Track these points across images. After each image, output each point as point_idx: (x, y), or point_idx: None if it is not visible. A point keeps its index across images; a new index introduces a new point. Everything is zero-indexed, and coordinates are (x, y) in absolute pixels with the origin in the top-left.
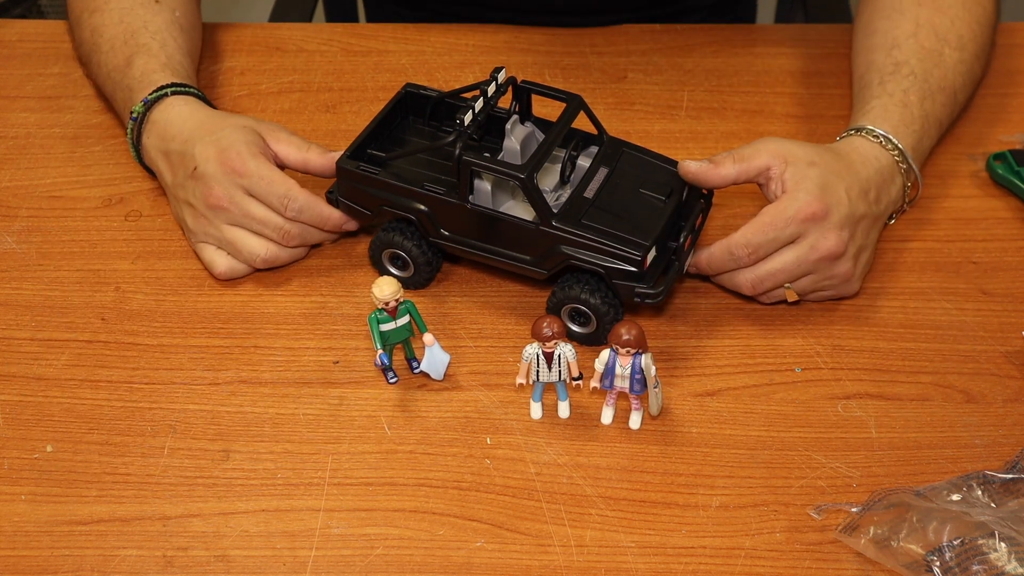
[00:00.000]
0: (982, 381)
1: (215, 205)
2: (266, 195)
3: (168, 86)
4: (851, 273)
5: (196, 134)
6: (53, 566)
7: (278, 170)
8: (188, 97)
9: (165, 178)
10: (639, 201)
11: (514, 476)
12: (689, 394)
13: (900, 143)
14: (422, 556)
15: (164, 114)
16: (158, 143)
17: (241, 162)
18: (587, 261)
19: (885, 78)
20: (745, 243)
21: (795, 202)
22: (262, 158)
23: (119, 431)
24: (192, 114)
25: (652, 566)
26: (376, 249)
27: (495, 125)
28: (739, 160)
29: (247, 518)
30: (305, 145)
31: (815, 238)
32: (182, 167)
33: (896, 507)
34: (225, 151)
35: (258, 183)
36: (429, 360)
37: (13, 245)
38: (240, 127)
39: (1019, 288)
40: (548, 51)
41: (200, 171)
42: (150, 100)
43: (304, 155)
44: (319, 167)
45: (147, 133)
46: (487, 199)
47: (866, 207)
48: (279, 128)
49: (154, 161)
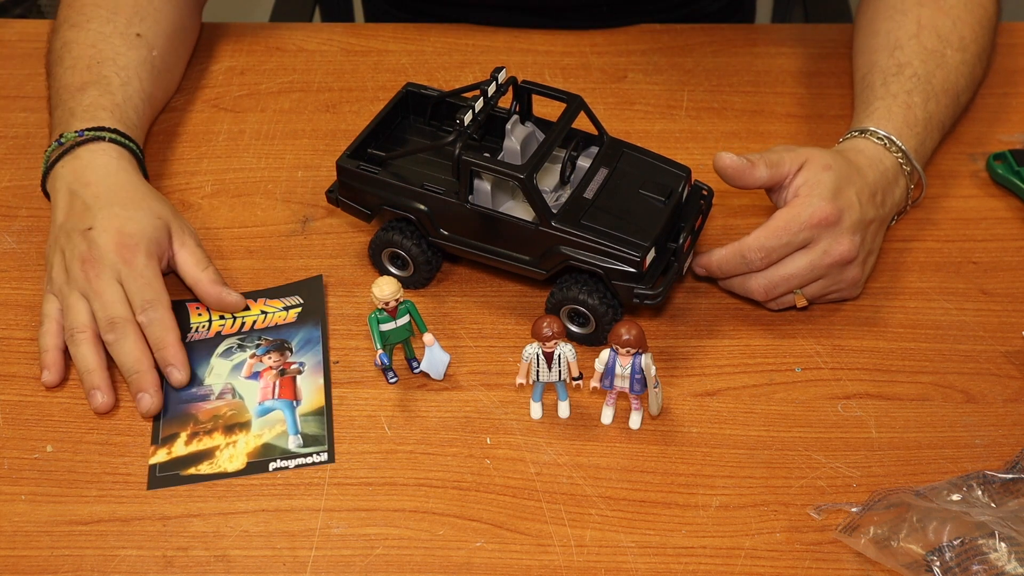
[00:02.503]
0: (982, 381)
1: (84, 266)
2: (134, 291)
3: (111, 130)
4: (859, 277)
5: (110, 198)
6: (53, 566)
7: (161, 279)
8: (123, 151)
9: (56, 215)
10: (639, 202)
11: (514, 476)
12: (689, 394)
13: (904, 145)
14: (422, 556)
15: (91, 156)
16: (71, 181)
17: (132, 254)
18: (586, 262)
19: (888, 79)
20: (759, 247)
21: (809, 207)
22: (155, 260)
23: (119, 431)
24: (117, 172)
25: (652, 566)
26: (376, 248)
27: (495, 125)
28: (771, 165)
29: (247, 518)
30: (204, 263)
31: (828, 243)
32: (80, 218)
33: (896, 507)
34: (125, 236)
35: (136, 280)
36: (429, 360)
37: (13, 245)
38: (154, 217)
39: (1019, 288)
40: (548, 51)
41: (93, 235)
42: (86, 134)
43: (198, 274)
44: (205, 294)
45: (64, 164)
46: (487, 199)
47: (874, 211)
48: (190, 234)
49: (56, 193)
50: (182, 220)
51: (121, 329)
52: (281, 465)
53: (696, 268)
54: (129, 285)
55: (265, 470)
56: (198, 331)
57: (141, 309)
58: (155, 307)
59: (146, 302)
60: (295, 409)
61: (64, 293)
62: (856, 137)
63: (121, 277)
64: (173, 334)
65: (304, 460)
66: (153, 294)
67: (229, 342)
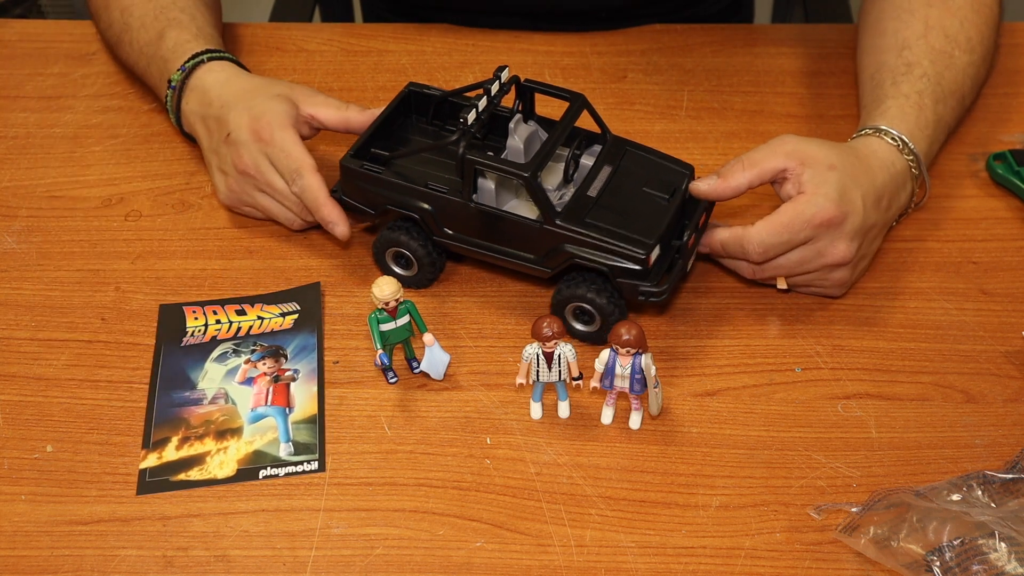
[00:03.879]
0: (982, 381)
1: (243, 172)
2: (282, 166)
3: (203, 52)
4: (847, 280)
5: (232, 101)
6: (53, 566)
7: (300, 145)
8: (224, 62)
9: (203, 142)
10: (643, 200)
11: (514, 476)
12: (689, 394)
13: (915, 148)
14: (422, 556)
15: (202, 80)
16: (197, 108)
17: (269, 132)
18: (591, 260)
19: (898, 79)
20: (759, 242)
21: (813, 206)
22: (290, 130)
23: (119, 431)
24: (229, 80)
25: (652, 566)
26: (380, 248)
27: (498, 124)
28: (750, 166)
29: (247, 518)
30: (343, 105)
31: (824, 244)
32: (218, 132)
33: (896, 507)
34: (256, 120)
35: (278, 154)
36: (429, 360)
37: (13, 245)
38: (274, 96)
39: (1019, 288)
40: (548, 51)
41: (233, 137)
42: (188, 67)
43: (343, 114)
44: (360, 124)
45: (186, 99)
46: (491, 198)
47: (877, 216)
48: (314, 92)
49: (192, 126)
50: (302, 87)
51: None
52: (271, 473)
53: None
54: (275, 163)
55: (255, 477)
56: (193, 335)
57: (291, 180)
58: (300, 174)
59: (292, 172)
60: (288, 416)
61: (244, 201)
62: (870, 135)
63: (270, 159)
64: (323, 193)
65: (295, 468)
66: (295, 162)
67: (224, 347)
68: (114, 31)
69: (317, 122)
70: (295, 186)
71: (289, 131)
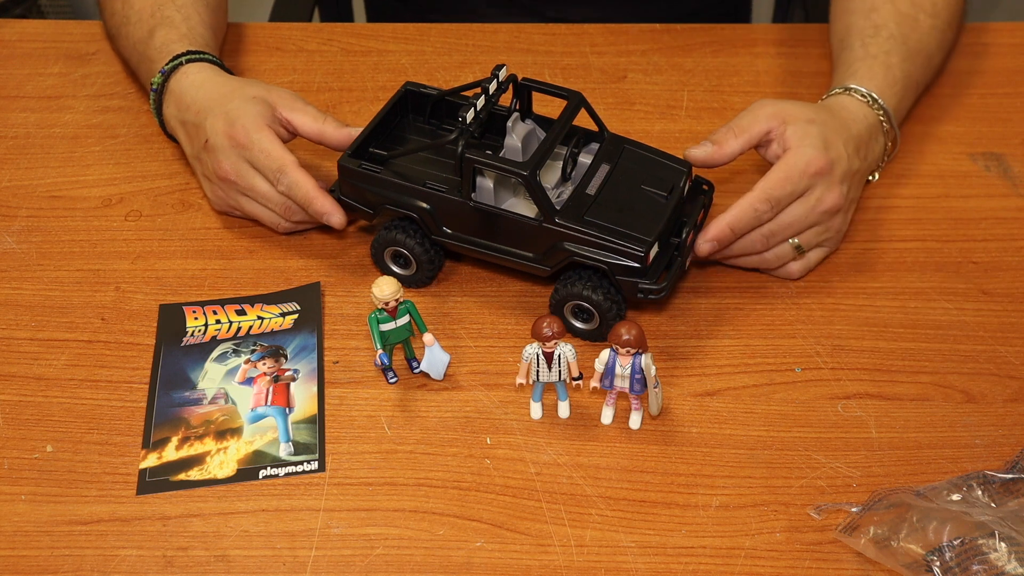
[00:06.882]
0: (982, 381)
1: (224, 178)
2: (264, 168)
3: (183, 54)
4: (844, 226)
5: (208, 105)
6: (53, 566)
7: (279, 144)
8: (202, 64)
9: (185, 148)
10: (641, 197)
11: (514, 476)
12: (689, 394)
13: (885, 103)
14: (422, 556)
15: (179, 84)
16: (176, 113)
17: (245, 135)
18: (590, 257)
19: (866, 40)
20: (767, 197)
21: (804, 157)
22: (266, 130)
23: (119, 431)
24: (205, 83)
25: (652, 566)
26: (378, 247)
27: (496, 123)
28: (740, 132)
29: (247, 518)
30: (321, 116)
31: (821, 191)
32: (197, 138)
33: (896, 507)
34: (231, 125)
35: (258, 156)
36: (429, 360)
37: (13, 245)
38: (249, 98)
39: (1019, 288)
40: (548, 51)
41: (211, 143)
42: (167, 70)
43: (320, 127)
44: (334, 140)
45: (166, 103)
46: (489, 197)
47: (859, 162)
48: (294, 97)
49: (174, 131)
50: (280, 90)
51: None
52: (271, 473)
53: (702, 245)
54: (258, 164)
55: (255, 477)
56: (193, 335)
57: (276, 180)
58: (284, 172)
59: (275, 171)
60: (288, 416)
61: (232, 206)
62: (839, 94)
63: (251, 162)
64: (312, 187)
65: (294, 468)
66: (276, 161)
67: (224, 347)
68: (115, 22)
69: (293, 128)
70: (281, 185)
71: (265, 131)
